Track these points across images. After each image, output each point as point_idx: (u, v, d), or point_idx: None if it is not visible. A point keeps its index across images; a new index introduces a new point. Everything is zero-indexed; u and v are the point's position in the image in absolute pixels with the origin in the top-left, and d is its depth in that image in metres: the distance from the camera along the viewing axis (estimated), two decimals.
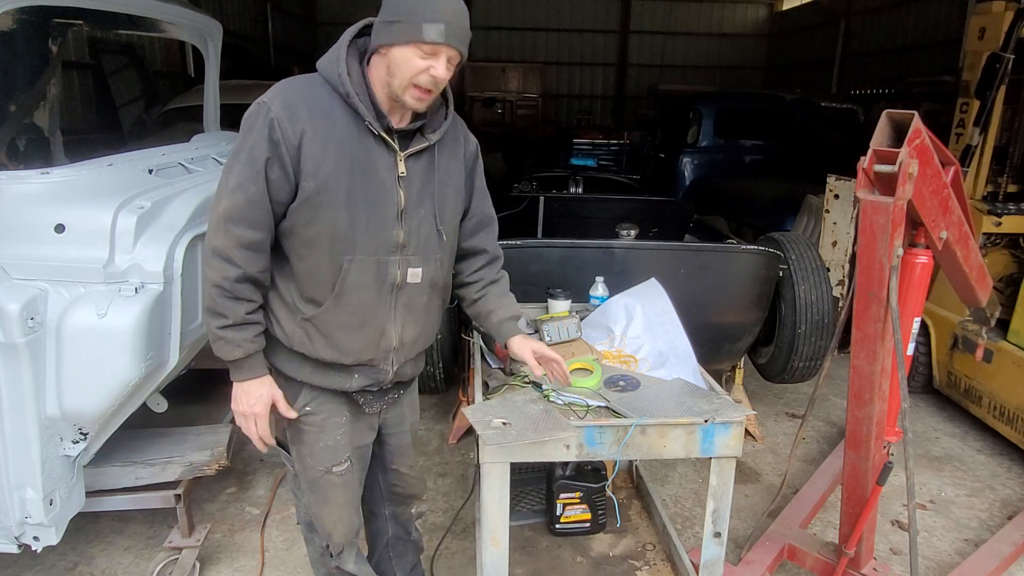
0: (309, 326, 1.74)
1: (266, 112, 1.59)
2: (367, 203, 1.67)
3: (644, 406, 1.99)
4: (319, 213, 1.64)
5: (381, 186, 1.68)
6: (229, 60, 10.01)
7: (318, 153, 1.61)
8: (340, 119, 1.64)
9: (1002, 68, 3.88)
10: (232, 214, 1.61)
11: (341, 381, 1.83)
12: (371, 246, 1.70)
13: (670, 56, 19.10)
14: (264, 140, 1.59)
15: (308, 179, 1.61)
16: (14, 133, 2.41)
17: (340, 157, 1.63)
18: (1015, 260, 4.15)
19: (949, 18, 11.74)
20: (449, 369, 3.67)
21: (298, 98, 1.62)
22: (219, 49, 3.41)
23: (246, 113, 1.63)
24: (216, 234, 1.63)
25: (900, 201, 1.85)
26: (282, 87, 1.65)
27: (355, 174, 1.65)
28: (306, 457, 1.91)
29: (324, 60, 1.68)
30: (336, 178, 1.63)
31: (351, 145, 1.64)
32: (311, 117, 1.61)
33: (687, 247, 3.76)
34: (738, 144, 8.09)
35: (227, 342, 1.69)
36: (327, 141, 1.62)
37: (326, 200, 1.63)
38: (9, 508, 2.09)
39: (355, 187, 1.65)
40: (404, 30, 1.56)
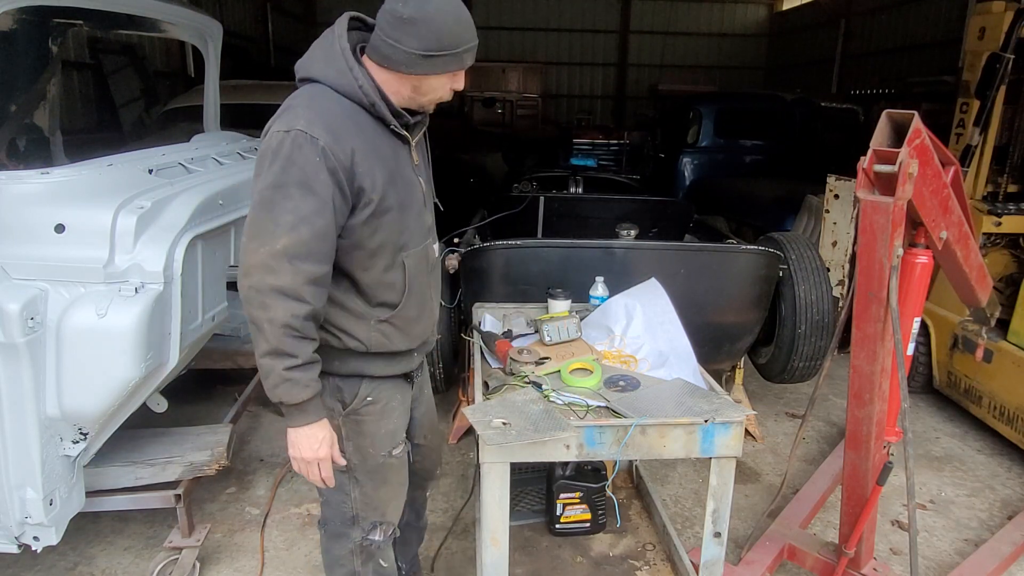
0: (386, 326, 1.79)
1: (313, 142, 1.54)
2: (409, 199, 1.76)
3: (644, 406, 1.99)
4: (382, 222, 1.68)
5: (410, 180, 1.78)
6: (229, 60, 10.02)
7: (369, 168, 1.63)
8: (368, 127, 1.66)
9: (1002, 68, 3.88)
10: (296, 250, 1.55)
11: (408, 364, 1.93)
12: (417, 237, 1.81)
13: (670, 56, 19.10)
14: (322, 170, 1.55)
15: (371, 192, 1.64)
16: (14, 133, 2.41)
17: (382, 165, 1.67)
18: (1015, 260, 4.15)
19: (949, 18, 11.74)
20: (449, 369, 3.67)
21: (334, 118, 1.60)
22: (219, 49, 3.41)
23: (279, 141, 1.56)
24: (279, 273, 1.54)
25: (900, 201, 1.85)
26: (310, 109, 1.60)
27: (395, 177, 1.71)
28: (367, 448, 1.90)
29: (329, 71, 1.64)
30: (386, 186, 1.67)
31: (383, 150, 1.69)
32: (351, 135, 1.61)
33: (687, 247, 3.76)
34: (738, 144, 8.08)
35: (295, 383, 1.60)
36: (368, 154, 1.63)
37: (385, 208, 1.67)
38: (9, 508, 2.09)
39: (398, 188, 1.71)
40: (447, 62, 1.62)
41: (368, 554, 2.00)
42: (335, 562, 2.04)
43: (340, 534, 1.99)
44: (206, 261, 2.47)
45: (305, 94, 1.64)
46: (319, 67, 1.65)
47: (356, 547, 1.98)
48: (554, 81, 19.27)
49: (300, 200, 1.54)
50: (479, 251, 3.35)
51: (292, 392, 1.61)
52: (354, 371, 1.82)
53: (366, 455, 1.90)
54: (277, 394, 1.61)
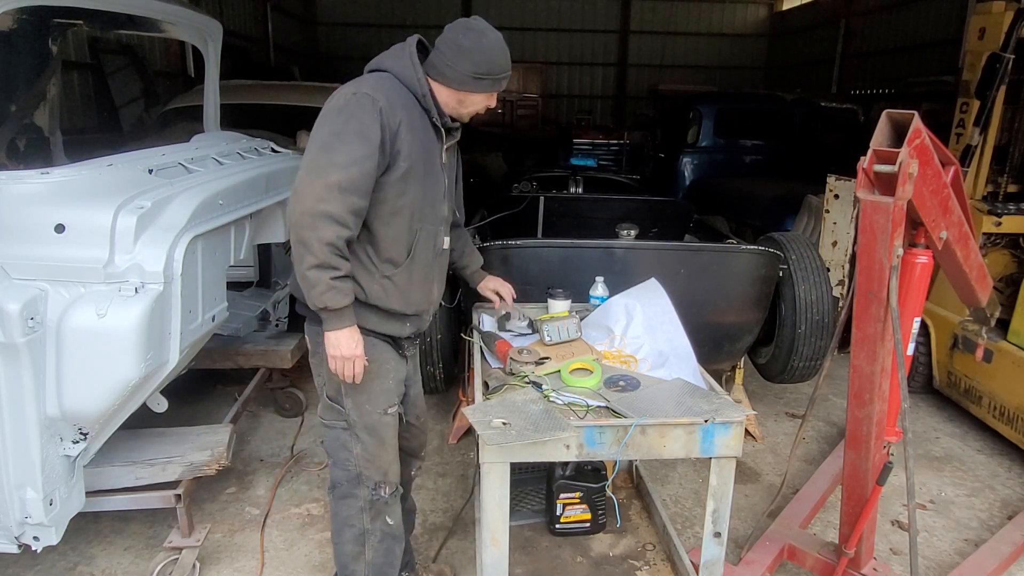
0: (387, 283, 2.06)
1: (373, 102, 1.88)
2: (432, 183, 2.07)
3: (644, 406, 1.99)
4: (408, 187, 1.99)
5: (437, 170, 2.10)
6: (229, 60, 10.01)
7: (409, 138, 1.96)
8: (415, 113, 2.00)
9: (1002, 68, 3.88)
10: (348, 184, 1.84)
11: (399, 328, 2.15)
12: (431, 218, 2.10)
13: (670, 56, 19.09)
14: (376, 124, 1.88)
15: (405, 159, 1.95)
16: (14, 133, 2.41)
17: (419, 143, 2.00)
18: (1015, 260, 4.15)
19: (949, 18, 11.73)
20: (449, 369, 3.67)
21: (393, 93, 1.95)
22: (219, 49, 3.41)
23: (345, 100, 1.90)
24: (330, 201, 1.83)
25: (900, 201, 1.85)
26: (376, 83, 1.95)
27: (425, 158, 2.03)
28: (364, 404, 2.13)
29: (397, 65, 2.00)
30: (418, 160, 1.99)
31: (422, 134, 2.02)
32: (403, 109, 1.95)
33: (687, 247, 3.76)
34: (738, 144, 8.08)
35: (338, 291, 1.89)
36: (412, 129, 1.97)
37: (413, 176, 1.99)
38: (9, 508, 2.09)
39: (425, 169, 2.03)
40: (490, 84, 2.03)
41: (376, 511, 2.20)
42: (344, 524, 2.23)
43: (348, 494, 2.20)
44: (206, 261, 2.47)
45: (373, 76, 2.00)
46: (390, 62, 2.02)
47: (365, 504, 2.19)
48: (554, 81, 19.26)
49: (356, 145, 1.86)
50: (479, 251, 3.35)
51: (336, 298, 1.89)
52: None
53: (363, 411, 2.13)
54: (324, 300, 1.88)
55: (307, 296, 1.91)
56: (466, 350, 3.25)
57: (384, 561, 2.25)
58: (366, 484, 2.17)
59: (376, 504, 2.19)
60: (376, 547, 2.22)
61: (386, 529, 2.23)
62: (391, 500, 2.21)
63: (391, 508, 2.22)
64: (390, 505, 2.21)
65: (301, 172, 1.88)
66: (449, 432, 3.86)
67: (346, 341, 1.96)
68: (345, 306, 1.92)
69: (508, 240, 3.35)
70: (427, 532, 3.01)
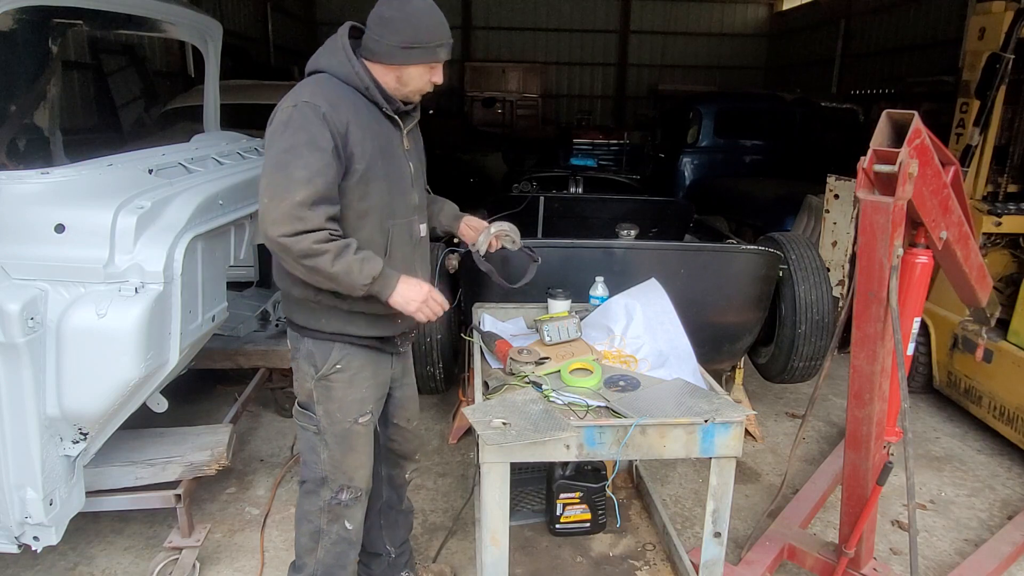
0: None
1: (315, 109, 1.82)
2: (396, 175, 2.02)
3: (644, 406, 1.99)
4: (370, 188, 1.93)
5: (399, 160, 2.04)
6: (229, 60, 10.01)
7: (360, 139, 1.89)
8: (363, 109, 1.93)
9: (1002, 68, 3.88)
10: (316, 198, 1.79)
11: (390, 328, 2.11)
12: (402, 210, 2.05)
13: (670, 56, 19.09)
14: (325, 131, 1.81)
15: (359, 161, 1.89)
16: (14, 133, 2.41)
17: (373, 140, 1.93)
18: (1015, 260, 4.15)
19: (949, 18, 11.74)
20: (449, 369, 3.67)
21: (334, 95, 1.88)
22: (219, 49, 3.41)
23: (288, 113, 1.83)
24: (306, 219, 1.77)
25: (900, 201, 1.85)
26: (314, 88, 1.89)
27: (384, 153, 1.97)
28: (335, 412, 2.09)
29: (332, 61, 1.93)
30: (375, 158, 1.93)
31: (375, 129, 1.95)
32: (347, 109, 1.88)
33: (687, 247, 3.76)
34: (738, 144, 8.08)
35: (367, 260, 1.84)
36: (362, 128, 1.90)
37: (373, 176, 1.93)
38: (9, 508, 2.09)
39: (386, 163, 1.97)
40: (422, 55, 1.91)
41: (335, 514, 2.17)
42: (304, 516, 2.22)
43: (312, 492, 2.18)
44: (206, 261, 2.47)
45: (311, 80, 1.94)
46: (324, 60, 1.95)
47: (325, 505, 2.16)
48: (554, 81, 19.26)
49: (310, 157, 1.80)
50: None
51: (374, 264, 1.85)
52: (338, 330, 2.03)
53: (334, 419, 2.09)
54: (365, 275, 1.83)
55: (352, 288, 1.85)
56: (466, 350, 3.25)
57: (335, 563, 2.23)
58: (329, 487, 2.15)
59: (335, 508, 2.16)
60: (329, 548, 2.20)
61: (343, 533, 2.20)
62: (351, 504, 2.17)
63: (351, 512, 2.18)
64: (350, 509, 2.18)
65: (262, 197, 1.80)
66: (449, 432, 3.86)
67: (409, 291, 1.92)
68: (382, 267, 1.87)
69: None
70: (427, 532, 3.01)
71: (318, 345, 2.05)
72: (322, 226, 1.79)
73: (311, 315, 2.03)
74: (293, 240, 1.77)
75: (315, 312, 2.02)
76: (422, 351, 3.53)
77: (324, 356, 2.05)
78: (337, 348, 2.05)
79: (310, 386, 2.08)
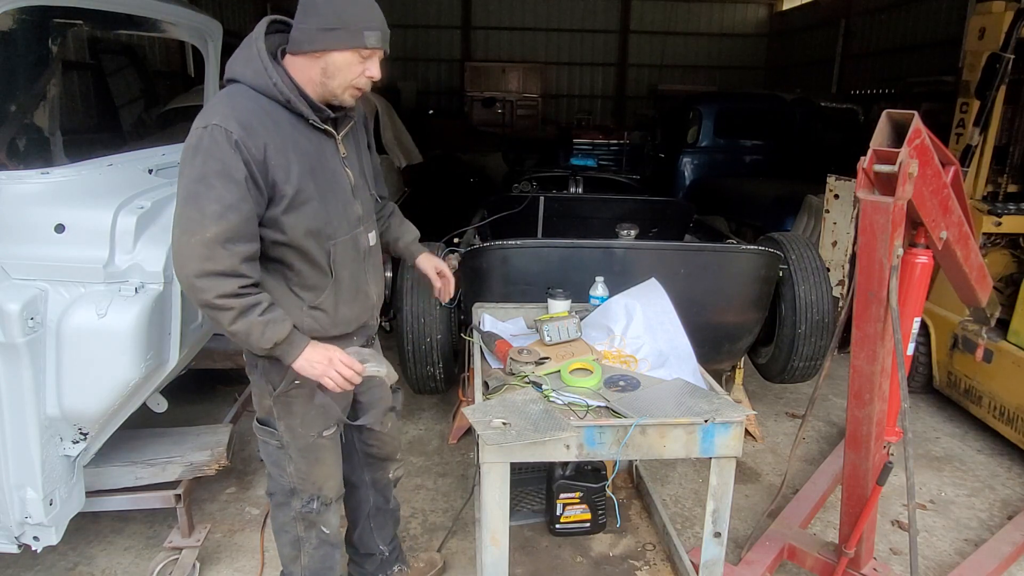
0: (317, 312, 1.90)
1: (228, 135, 1.65)
2: (332, 190, 1.86)
3: (644, 406, 1.99)
4: (303, 212, 1.78)
5: (335, 173, 1.89)
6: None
7: (284, 162, 1.73)
8: (285, 123, 1.76)
9: (1002, 68, 3.88)
10: (229, 235, 1.66)
11: (346, 344, 1.96)
12: (343, 227, 1.90)
13: (670, 56, 19.08)
14: (238, 159, 1.66)
15: (285, 186, 1.74)
16: (14, 133, 2.40)
17: (300, 159, 1.77)
18: (1015, 260, 4.15)
19: (949, 18, 11.73)
20: (449, 369, 3.67)
21: (248, 114, 1.70)
22: (219, 49, 3.41)
23: (198, 137, 1.67)
24: (214, 259, 1.64)
25: (900, 201, 1.85)
26: (226, 106, 1.71)
27: (316, 170, 1.81)
28: (297, 427, 2.01)
29: (247, 70, 1.75)
30: (304, 178, 1.77)
31: (303, 144, 1.79)
32: (265, 130, 1.71)
33: (687, 247, 3.76)
34: (738, 144, 8.08)
35: (274, 322, 1.73)
36: (285, 148, 1.74)
37: (304, 199, 1.78)
38: (9, 508, 2.09)
39: (320, 181, 1.82)
40: (345, 37, 1.72)
41: (309, 522, 2.14)
42: (281, 528, 2.19)
43: (283, 503, 2.15)
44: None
45: (225, 93, 1.76)
46: (239, 68, 1.77)
47: (298, 515, 2.13)
48: (554, 81, 19.25)
49: (223, 189, 1.65)
50: (479, 251, 3.35)
51: (277, 329, 1.73)
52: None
53: (296, 434, 2.01)
54: (267, 339, 1.72)
55: (252, 347, 1.75)
56: (466, 350, 3.25)
57: (321, 567, 2.20)
58: (300, 497, 2.09)
59: (308, 516, 2.12)
60: (312, 553, 2.17)
61: (322, 536, 2.17)
62: (323, 511, 2.13)
63: (324, 518, 2.14)
64: (323, 516, 2.14)
65: (175, 228, 1.68)
66: (449, 432, 3.86)
67: (317, 358, 1.80)
68: (290, 330, 1.76)
69: (508, 240, 3.35)
70: (427, 532, 3.01)
71: (273, 364, 1.90)
72: (234, 269, 1.66)
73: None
74: (202, 283, 1.65)
75: None
76: (422, 351, 3.53)
77: (280, 373, 1.92)
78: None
79: (269, 403, 1.98)
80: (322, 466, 2.09)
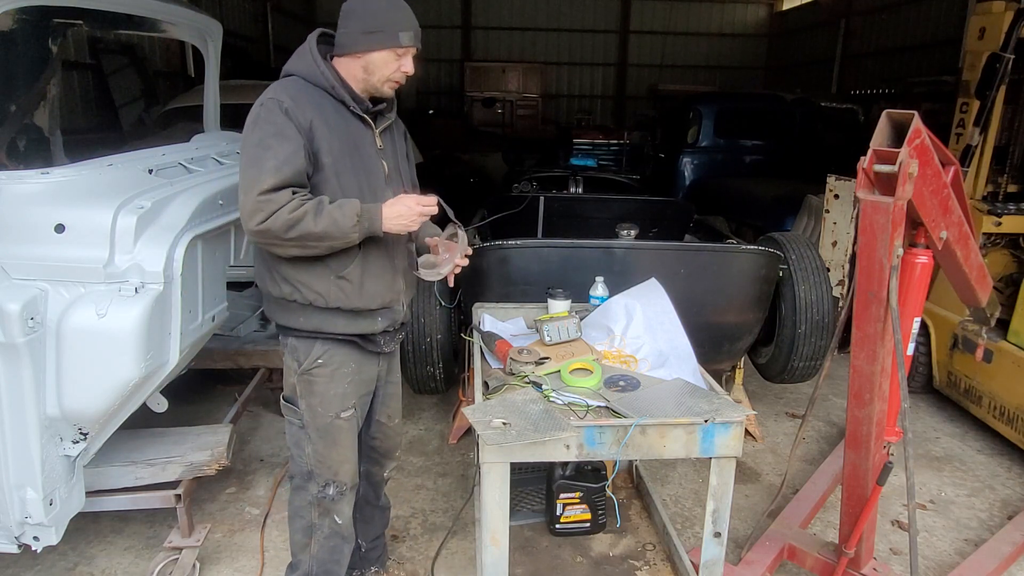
0: (343, 282, 2.02)
1: (279, 104, 1.88)
2: (366, 173, 2.04)
3: (644, 406, 1.99)
4: (339, 182, 1.97)
5: (371, 159, 2.07)
6: (229, 60, 10.01)
7: (326, 135, 1.94)
8: (329, 108, 1.98)
9: (1002, 68, 3.88)
10: (283, 184, 1.84)
11: (370, 325, 2.12)
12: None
13: (670, 56, 19.09)
14: (289, 123, 1.87)
15: (326, 155, 1.94)
16: (14, 133, 2.41)
17: (340, 138, 1.98)
18: (1015, 260, 4.15)
19: (949, 18, 11.73)
20: (449, 369, 3.67)
21: (299, 93, 1.94)
22: (219, 49, 3.41)
23: (256, 112, 1.90)
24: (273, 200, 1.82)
25: (900, 201, 1.85)
26: (280, 88, 1.95)
27: (352, 151, 2.01)
28: (317, 407, 2.13)
29: (300, 65, 2.00)
30: (342, 155, 1.98)
31: (343, 128, 1.99)
32: (312, 108, 1.93)
33: (687, 247, 3.76)
34: (738, 144, 8.08)
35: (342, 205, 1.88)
36: (328, 126, 1.95)
37: (341, 170, 1.97)
38: (9, 508, 2.09)
39: (355, 161, 2.01)
40: (384, 39, 1.95)
41: (324, 508, 2.22)
42: (296, 513, 2.27)
43: (301, 487, 2.23)
44: (206, 261, 2.47)
45: (280, 81, 2.00)
46: (293, 64, 2.03)
47: (314, 500, 2.21)
48: (554, 81, 19.26)
49: (279, 148, 1.86)
50: (479, 251, 3.35)
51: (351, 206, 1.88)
52: (316, 327, 2.06)
53: (315, 413, 2.14)
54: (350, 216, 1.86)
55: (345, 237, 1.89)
56: (466, 350, 3.25)
57: (329, 558, 2.28)
58: (316, 481, 2.19)
59: (323, 502, 2.21)
60: (322, 542, 2.25)
61: (334, 527, 2.25)
62: (338, 498, 2.22)
63: (338, 507, 2.23)
64: (337, 503, 2.22)
65: (239, 193, 1.87)
66: (449, 432, 3.86)
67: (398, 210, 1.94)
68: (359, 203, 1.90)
69: (508, 240, 3.35)
70: (427, 532, 3.01)
71: (300, 341, 2.09)
72: (289, 199, 1.83)
73: (290, 314, 2.07)
74: (270, 222, 1.81)
75: (293, 311, 2.06)
76: (422, 351, 3.53)
77: (306, 351, 2.09)
78: (319, 344, 2.09)
79: (293, 380, 2.13)
80: (339, 448, 2.18)
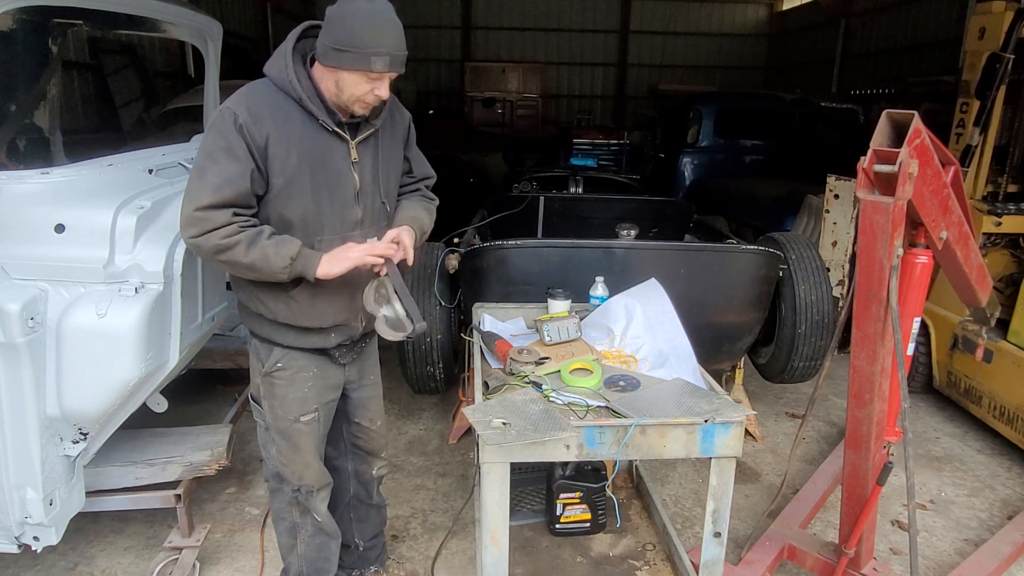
0: (292, 301, 1.97)
1: (234, 118, 1.79)
2: (329, 190, 1.93)
3: (644, 406, 1.99)
4: (290, 203, 1.88)
5: (339, 174, 1.94)
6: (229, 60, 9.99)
7: (283, 153, 1.83)
8: (296, 119, 1.86)
9: (1002, 68, 3.88)
10: (222, 204, 1.78)
11: (321, 340, 2.08)
12: (335, 225, 1.96)
13: (670, 56, 19.08)
14: (240, 141, 1.78)
15: (277, 176, 1.85)
16: (14, 133, 2.41)
17: (301, 154, 1.86)
18: (1015, 260, 4.15)
19: (949, 18, 11.72)
20: (449, 369, 3.67)
21: (260, 104, 1.83)
22: (219, 49, 3.40)
23: (215, 117, 1.83)
24: (209, 220, 1.76)
25: (900, 201, 1.85)
26: (244, 94, 1.85)
27: (316, 167, 1.89)
28: (277, 408, 2.12)
29: (272, 67, 1.87)
30: (300, 173, 1.87)
31: (309, 142, 1.87)
32: (273, 120, 1.83)
33: (687, 247, 3.76)
34: (738, 144, 8.08)
35: (282, 242, 1.82)
36: (289, 141, 1.84)
37: (295, 191, 1.87)
38: (9, 508, 2.09)
39: (317, 178, 1.90)
40: (353, 60, 1.77)
41: (303, 508, 2.23)
42: (278, 515, 2.30)
43: (277, 489, 2.25)
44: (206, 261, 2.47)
45: (250, 84, 1.90)
46: (268, 66, 1.90)
47: (291, 499, 2.22)
48: (554, 81, 19.24)
49: (224, 165, 1.78)
50: (479, 251, 3.35)
51: (289, 246, 1.82)
52: (268, 336, 2.05)
53: (276, 416, 2.13)
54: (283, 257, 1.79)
55: (273, 275, 1.82)
56: (466, 350, 3.25)
57: (317, 555, 2.28)
58: (288, 481, 2.20)
59: (300, 502, 2.22)
60: (308, 541, 2.26)
61: (316, 524, 2.26)
62: (310, 497, 2.21)
63: (313, 504, 2.23)
64: (311, 501, 2.22)
65: (183, 196, 1.81)
66: (449, 432, 3.86)
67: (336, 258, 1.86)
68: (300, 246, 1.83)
69: (508, 240, 3.35)
70: (427, 532, 3.01)
71: (261, 343, 2.09)
72: (228, 221, 1.77)
73: (248, 317, 2.08)
74: (201, 240, 1.77)
75: (250, 315, 2.07)
76: (422, 351, 3.53)
77: (267, 354, 2.09)
78: (277, 349, 2.07)
79: (258, 381, 2.14)
80: (300, 454, 2.16)
